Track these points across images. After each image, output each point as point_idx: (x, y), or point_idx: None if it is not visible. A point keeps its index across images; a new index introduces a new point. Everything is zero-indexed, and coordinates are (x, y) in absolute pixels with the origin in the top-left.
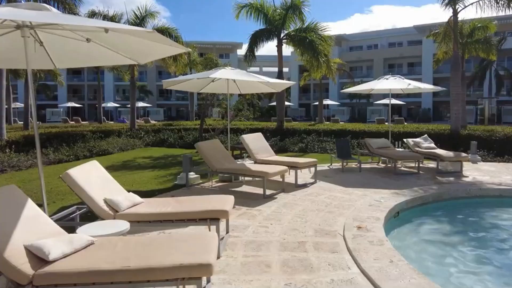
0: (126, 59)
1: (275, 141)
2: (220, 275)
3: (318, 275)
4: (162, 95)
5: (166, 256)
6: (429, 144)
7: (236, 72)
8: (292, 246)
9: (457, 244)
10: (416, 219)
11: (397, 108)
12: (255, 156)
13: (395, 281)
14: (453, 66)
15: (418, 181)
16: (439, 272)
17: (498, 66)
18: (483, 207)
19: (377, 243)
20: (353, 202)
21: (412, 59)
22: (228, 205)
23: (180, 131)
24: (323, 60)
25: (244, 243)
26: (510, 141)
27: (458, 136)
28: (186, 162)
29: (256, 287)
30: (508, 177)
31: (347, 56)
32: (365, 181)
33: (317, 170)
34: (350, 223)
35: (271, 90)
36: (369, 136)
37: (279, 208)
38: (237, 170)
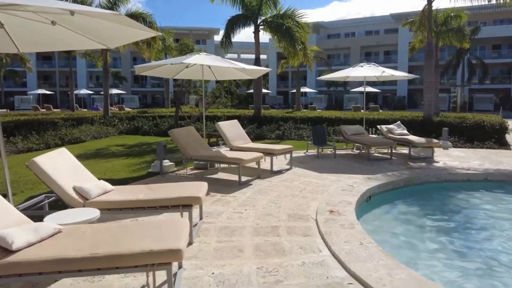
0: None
1: (252, 129)
2: (192, 261)
3: (289, 258)
4: (137, 81)
5: (136, 243)
6: (402, 130)
7: (211, 58)
8: (265, 231)
9: (425, 227)
10: (387, 203)
11: (373, 96)
12: (231, 143)
13: (364, 262)
14: (427, 54)
15: (390, 166)
16: (407, 253)
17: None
18: (452, 191)
19: (348, 227)
20: (326, 187)
21: (388, 47)
22: (201, 192)
23: (155, 119)
24: (300, 48)
25: (218, 229)
26: (480, 127)
27: (431, 123)
28: (160, 150)
29: (228, 271)
30: (477, 162)
31: (325, 43)
32: (339, 166)
33: (293, 156)
34: (323, 208)
35: (247, 76)
36: (344, 123)
37: (254, 194)
38: (212, 157)
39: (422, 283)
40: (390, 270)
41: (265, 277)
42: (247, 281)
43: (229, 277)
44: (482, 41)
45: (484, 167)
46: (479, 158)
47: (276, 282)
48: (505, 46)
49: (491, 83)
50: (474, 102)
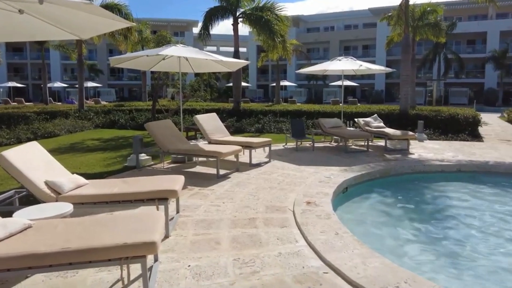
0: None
1: (231, 122)
2: (168, 254)
3: (266, 249)
4: (113, 74)
5: (109, 236)
6: (378, 123)
7: (188, 50)
8: (242, 223)
9: (400, 217)
10: (363, 194)
11: (352, 90)
12: (209, 136)
13: (339, 252)
14: (403, 48)
15: (367, 158)
16: (382, 242)
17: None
18: (426, 182)
19: (324, 217)
20: (304, 179)
21: (367, 41)
22: (177, 185)
23: (131, 112)
24: (279, 41)
25: (195, 222)
26: (454, 120)
27: (407, 116)
28: (136, 143)
29: (205, 263)
30: (450, 154)
31: (305, 37)
32: (317, 159)
33: (272, 149)
34: (300, 199)
35: (226, 69)
36: (323, 116)
37: (232, 187)
38: (190, 150)
39: (395, 271)
40: (364, 258)
41: (241, 268)
42: (223, 272)
43: (206, 269)
44: (457, 36)
45: (458, 158)
46: (453, 150)
47: (252, 273)
48: (479, 42)
49: (466, 78)
50: (450, 96)
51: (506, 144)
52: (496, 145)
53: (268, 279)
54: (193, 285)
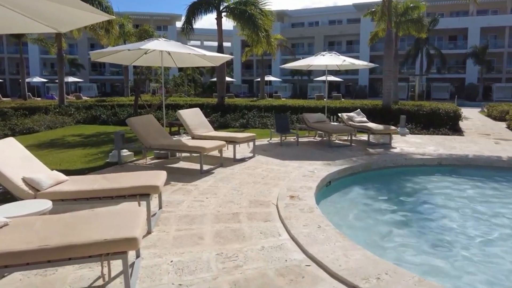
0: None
1: (216, 117)
2: (151, 250)
3: (249, 243)
4: (95, 69)
5: (89, 232)
6: (361, 118)
7: (170, 44)
8: (226, 218)
9: (382, 210)
10: (346, 187)
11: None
12: (193, 131)
13: (322, 244)
14: (386, 44)
15: (350, 152)
16: (364, 235)
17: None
18: (408, 176)
19: (307, 211)
20: (288, 173)
21: (351, 37)
22: (159, 181)
23: (114, 108)
24: (263, 35)
25: (178, 217)
26: (436, 115)
27: (389, 110)
28: (118, 139)
29: (187, 258)
30: (432, 148)
31: (289, 32)
32: (301, 153)
33: (257, 144)
34: (284, 193)
35: (209, 64)
36: (308, 111)
37: (216, 182)
38: (173, 146)
39: (376, 263)
40: (346, 251)
41: (224, 263)
42: (206, 267)
43: (188, 264)
44: (439, 32)
45: (439, 152)
46: (434, 144)
47: (235, 267)
48: (460, 37)
49: (448, 73)
50: (432, 91)
51: (485, 138)
52: (476, 139)
53: (251, 273)
54: (176, 280)
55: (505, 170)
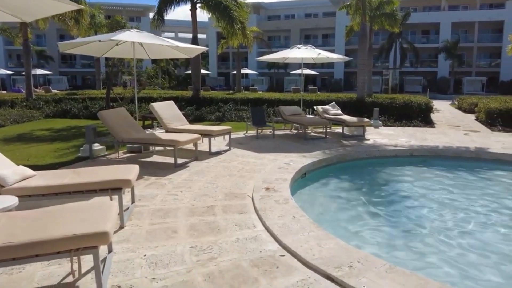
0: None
1: (191, 110)
2: (123, 244)
3: (224, 236)
4: (65, 61)
5: (58, 228)
6: (336, 110)
7: (143, 35)
8: (200, 211)
9: (355, 200)
10: (321, 179)
11: (312, 78)
12: (166, 125)
13: (296, 234)
14: (360, 38)
15: (325, 144)
16: (338, 224)
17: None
18: (381, 167)
19: (282, 202)
20: (264, 166)
21: (326, 30)
22: (132, 175)
23: (85, 101)
24: (238, 27)
25: (151, 211)
26: (408, 107)
27: (364, 103)
28: (89, 133)
29: (161, 252)
30: (404, 139)
31: (265, 25)
32: (277, 146)
33: (233, 137)
34: (259, 185)
35: (183, 55)
36: (284, 104)
37: (191, 176)
38: (145, 139)
39: (349, 251)
40: (319, 240)
41: (198, 255)
42: (180, 260)
43: (162, 258)
44: (413, 27)
45: (410, 143)
46: (406, 136)
47: (210, 259)
48: (433, 32)
49: (420, 67)
50: (405, 84)
51: (455, 130)
52: (446, 130)
53: (225, 265)
54: (149, 274)
55: (473, 160)
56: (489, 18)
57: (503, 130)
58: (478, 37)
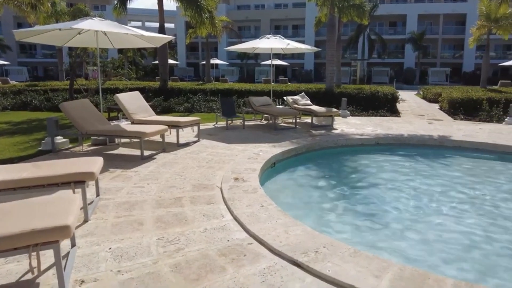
0: None
1: (158, 101)
2: (88, 238)
3: (192, 226)
4: (24, 51)
5: (14, 223)
6: (305, 101)
7: (106, 24)
8: (168, 203)
9: (323, 187)
10: (290, 168)
11: (283, 69)
12: (132, 116)
13: (264, 223)
14: (329, 29)
15: (294, 134)
16: (306, 211)
17: (370, 31)
18: (348, 155)
19: (251, 192)
20: (233, 156)
21: (297, 21)
22: (95, 167)
23: (47, 92)
24: (206, 17)
25: (117, 204)
26: (375, 98)
27: (332, 94)
28: (51, 125)
29: (127, 245)
30: (370, 128)
31: (235, 14)
32: (247, 137)
33: (202, 129)
34: (228, 176)
35: (149, 45)
36: (254, 95)
37: (158, 168)
38: (110, 131)
39: (315, 237)
40: (287, 227)
41: (165, 247)
42: (146, 252)
43: (128, 250)
44: (380, 18)
45: (376, 132)
46: (372, 125)
47: (177, 250)
48: (399, 24)
49: (388, 58)
50: (373, 75)
51: (419, 119)
52: (411, 119)
53: (193, 255)
54: (114, 267)
55: (436, 148)
56: (453, 11)
57: (464, 118)
58: (443, 29)
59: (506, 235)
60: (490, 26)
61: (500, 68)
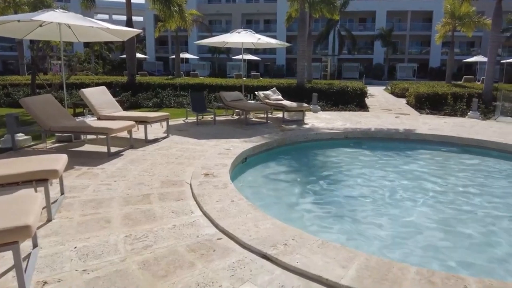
0: None
1: (126, 97)
2: (51, 238)
3: (160, 223)
4: None
5: None
6: (277, 96)
7: (69, 16)
8: (136, 200)
9: (294, 181)
10: (261, 162)
11: (255, 64)
12: (98, 112)
13: (234, 217)
14: (300, 24)
15: (266, 129)
16: (277, 205)
17: (340, 27)
18: (317, 149)
19: (221, 187)
20: (204, 152)
21: (268, 16)
22: (58, 165)
23: (6, 88)
24: (175, 10)
25: (83, 202)
26: (344, 93)
27: (303, 89)
28: (11, 122)
29: (93, 243)
30: (340, 123)
31: (206, 8)
32: (218, 132)
33: (172, 124)
34: (198, 172)
35: (116, 38)
36: (226, 90)
37: (126, 165)
38: (76, 127)
39: (285, 230)
40: (257, 221)
41: (133, 244)
42: (113, 250)
43: (94, 249)
44: (351, 14)
45: (345, 126)
46: (342, 119)
47: (145, 247)
48: (369, 20)
49: (357, 54)
50: (343, 71)
51: (387, 113)
52: (379, 114)
53: (161, 251)
54: (80, 266)
55: (402, 141)
56: (421, 8)
57: (430, 113)
58: (411, 26)
59: (468, 223)
60: (454, 24)
61: (464, 64)
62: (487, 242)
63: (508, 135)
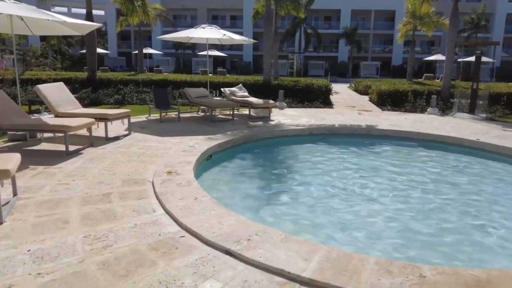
0: None
1: (86, 93)
2: (2, 241)
3: (121, 223)
4: None
5: None
6: (243, 93)
7: (21, 7)
8: (95, 199)
9: (259, 177)
10: (227, 159)
11: (222, 61)
12: (56, 109)
13: (197, 215)
14: (266, 21)
15: (232, 126)
16: (241, 202)
17: (306, 25)
18: (283, 145)
19: (185, 185)
20: (167, 150)
21: (235, 12)
22: (10, 164)
23: None
24: (138, 4)
25: (38, 203)
26: (310, 90)
27: (270, 86)
28: None
29: (49, 245)
30: (305, 119)
31: (170, 3)
32: (182, 129)
33: (134, 121)
34: (161, 170)
35: (74, 32)
36: (191, 86)
37: (85, 164)
38: (30, 125)
39: (248, 226)
40: (220, 218)
41: (92, 244)
42: (71, 251)
43: (50, 251)
44: (316, 12)
45: (310, 123)
46: (307, 116)
47: (105, 247)
48: (334, 18)
49: (323, 51)
50: (309, 68)
51: (350, 110)
52: (343, 110)
53: (122, 251)
54: (33, 270)
55: (364, 136)
56: (384, 7)
57: (392, 109)
58: (374, 25)
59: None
60: (415, 23)
61: (424, 62)
62: (444, 230)
63: (464, 130)
